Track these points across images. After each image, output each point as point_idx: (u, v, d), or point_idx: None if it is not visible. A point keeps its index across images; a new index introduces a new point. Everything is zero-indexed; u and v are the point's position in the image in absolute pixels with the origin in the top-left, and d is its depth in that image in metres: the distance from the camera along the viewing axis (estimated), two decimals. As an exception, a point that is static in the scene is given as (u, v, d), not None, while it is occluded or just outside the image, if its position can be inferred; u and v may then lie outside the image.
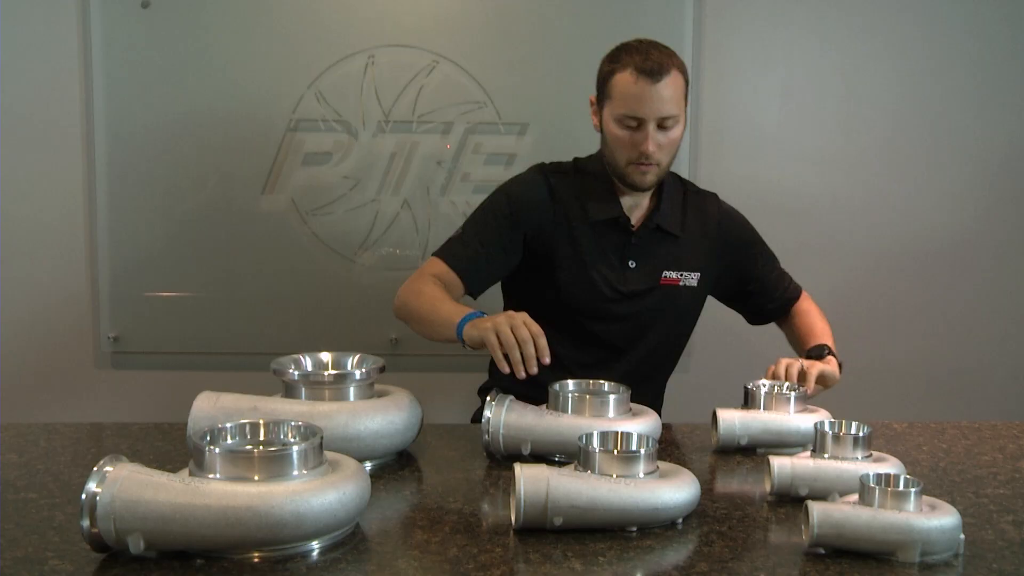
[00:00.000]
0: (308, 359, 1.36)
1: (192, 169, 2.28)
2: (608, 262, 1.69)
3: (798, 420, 1.35)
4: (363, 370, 1.32)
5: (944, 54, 2.38)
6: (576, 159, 1.79)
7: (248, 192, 2.30)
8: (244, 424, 1.08)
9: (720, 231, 1.77)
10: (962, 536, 0.98)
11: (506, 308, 1.78)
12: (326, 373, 1.32)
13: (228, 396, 1.25)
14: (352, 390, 1.29)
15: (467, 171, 2.31)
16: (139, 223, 2.28)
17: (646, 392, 1.66)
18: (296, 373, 1.29)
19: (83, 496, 0.92)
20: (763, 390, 1.39)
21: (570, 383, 1.38)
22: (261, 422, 1.09)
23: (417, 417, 1.34)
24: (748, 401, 1.40)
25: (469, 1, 2.29)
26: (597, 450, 1.08)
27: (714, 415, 1.38)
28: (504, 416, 1.29)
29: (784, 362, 1.51)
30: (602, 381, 1.42)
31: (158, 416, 1.59)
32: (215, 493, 0.92)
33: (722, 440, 1.36)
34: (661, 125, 1.58)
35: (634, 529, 1.04)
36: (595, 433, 1.13)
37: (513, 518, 1.04)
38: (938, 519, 0.96)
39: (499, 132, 2.31)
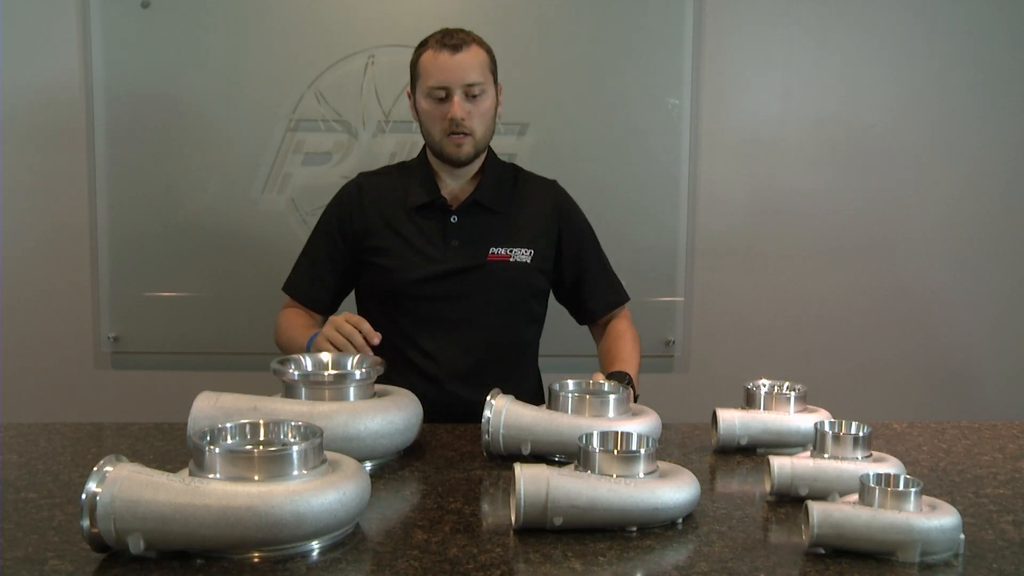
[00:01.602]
0: (308, 359, 1.36)
1: (192, 169, 2.28)
2: (431, 243, 1.74)
3: (798, 420, 1.35)
4: (363, 370, 1.32)
5: (944, 54, 2.39)
6: (404, 161, 1.89)
7: (248, 192, 2.30)
8: (244, 424, 1.08)
9: (555, 213, 1.82)
10: (962, 536, 0.98)
11: (358, 305, 1.85)
12: (326, 373, 1.32)
13: (228, 396, 1.25)
14: (352, 390, 1.29)
15: (467, 171, 2.31)
16: (139, 223, 2.29)
17: (510, 376, 1.71)
18: (296, 373, 1.29)
19: (83, 496, 0.92)
20: (763, 390, 1.39)
21: (570, 383, 1.38)
22: (261, 422, 1.09)
23: (417, 417, 1.34)
24: (748, 401, 1.40)
25: (469, 1, 2.29)
26: (597, 450, 1.08)
27: (714, 415, 1.38)
28: (504, 416, 1.29)
29: None
30: (601, 381, 1.42)
31: (158, 416, 1.59)
32: (215, 493, 0.92)
33: (722, 440, 1.36)
34: (468, 94, 1.68)
35: (634, 529, 1.04)
36: (595, 433, 1.13)
37: (513, 518, 1.04)
38: (938, 519, 0.96)
39: (499, 132, 2.28)
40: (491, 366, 1.72)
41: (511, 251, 1.75)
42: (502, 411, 1.29)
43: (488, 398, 1.31)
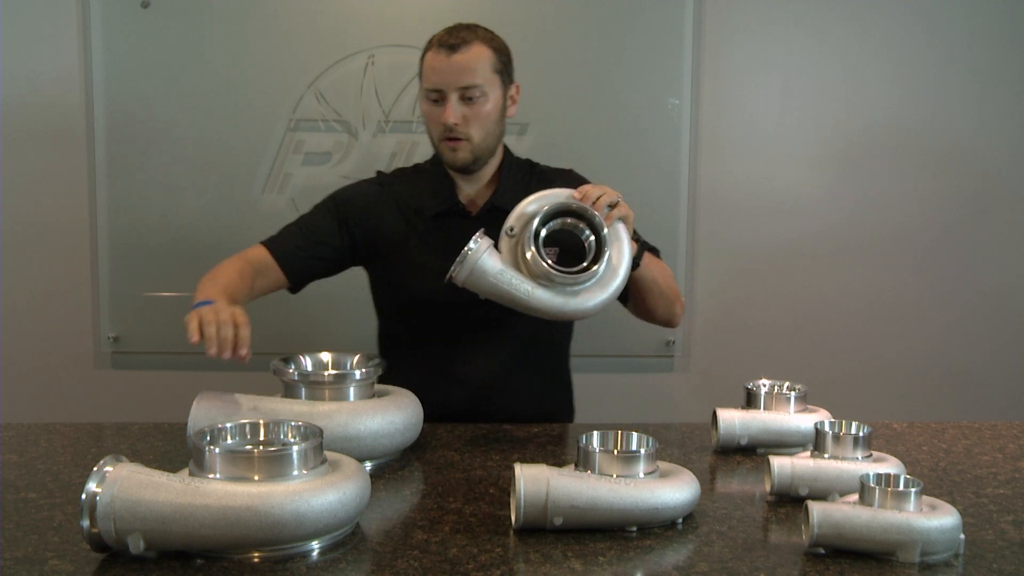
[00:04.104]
0: (308, 359, 1.36)
1: (192, 169, 2.28)
2: (452, 250, 1.61)
3: (798, 420, 1.35)
4: (363, 370, 1.32)
5: (944, 54, 2.38)
6: (419, 162, 1.80)
7: (248, 192, 2.30)
8: (244, 424, 1.08)
9: None
10: (962, 536, 0.98)
11: (377, 311, 1.77)
12: (326, 373, 1.32)
13: (228, 396, 1.25)
14: (352, 390, 1.30)
15: (467, 171, 2.30)
16: (139, 223, 2.28)
17: (540, 380, 1.66)
18: (296, 373, 1.29)
19: (83, 496, 0.92)
20: (763, 390, 1.39)
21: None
22: (261, 422, 1.09)
23: (417, 417, 1.34)
24: (748, 401, 1.40)
25: (469, 1, 2.29)
26: (597, 450, 1.08)
27: (714, 415, 1.38)
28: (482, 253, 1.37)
29: (597, 188, 1.44)
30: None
31: (158, 416, 1.59)
32: (215, 493, 0.92)
33: (722, 440, 1.36)
34: (464, 97, 1.59)
35: (634, 529, 1.04)
36: (595, 434, 1.13)
37: (513, 518, 1.04)
38: (938, 519, 0.96)
39: (499, 132, 2.31)
40: (519, 371, 1.66)
41: None
42: (483, 250, 1.38)
43: (475, 236, 1.36)
